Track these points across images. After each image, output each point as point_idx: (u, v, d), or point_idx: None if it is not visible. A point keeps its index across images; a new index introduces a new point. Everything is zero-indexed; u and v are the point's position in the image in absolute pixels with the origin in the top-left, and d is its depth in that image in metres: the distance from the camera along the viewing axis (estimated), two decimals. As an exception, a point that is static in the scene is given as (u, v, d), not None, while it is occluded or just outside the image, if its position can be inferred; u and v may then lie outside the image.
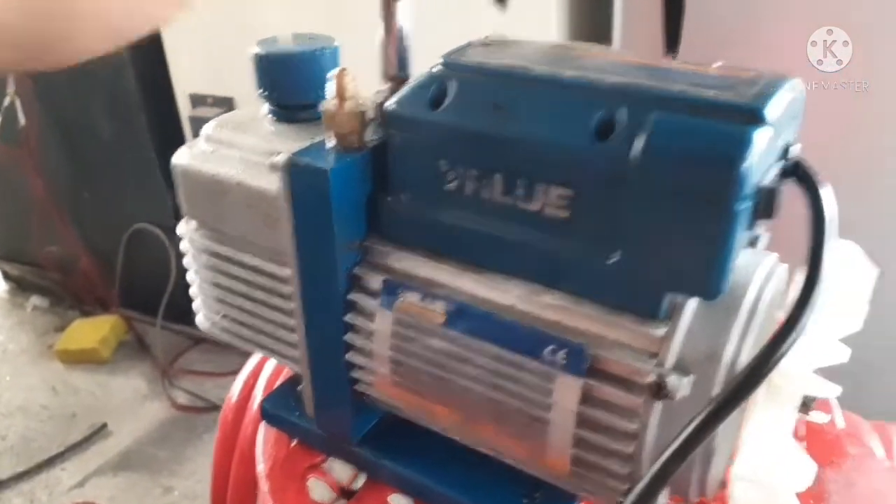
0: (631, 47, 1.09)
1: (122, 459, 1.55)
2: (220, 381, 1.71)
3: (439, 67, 0.39)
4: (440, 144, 0.38)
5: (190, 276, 0.54)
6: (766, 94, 0.32)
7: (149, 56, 1.51)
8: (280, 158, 0.41)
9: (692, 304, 0.34)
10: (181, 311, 1.78)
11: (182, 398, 1.69)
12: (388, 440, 0.49)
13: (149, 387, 1.75)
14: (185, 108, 1.52)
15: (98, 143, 1.66)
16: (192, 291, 0.54)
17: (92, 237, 1.84)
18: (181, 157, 0.49)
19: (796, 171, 0.34)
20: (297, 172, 0.40)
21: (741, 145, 0.30)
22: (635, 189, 0.32)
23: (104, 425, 1.61)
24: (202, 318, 0.55)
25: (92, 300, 1.93)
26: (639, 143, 0.32)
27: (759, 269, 0.35)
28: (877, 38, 0.91)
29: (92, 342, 1.80)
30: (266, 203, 0.44)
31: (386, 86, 0.45)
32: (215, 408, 1.64)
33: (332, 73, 0.40)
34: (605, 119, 0.33)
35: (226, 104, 1.45)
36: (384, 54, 0.44)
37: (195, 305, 0.55)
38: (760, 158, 0.30)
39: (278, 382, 0.59)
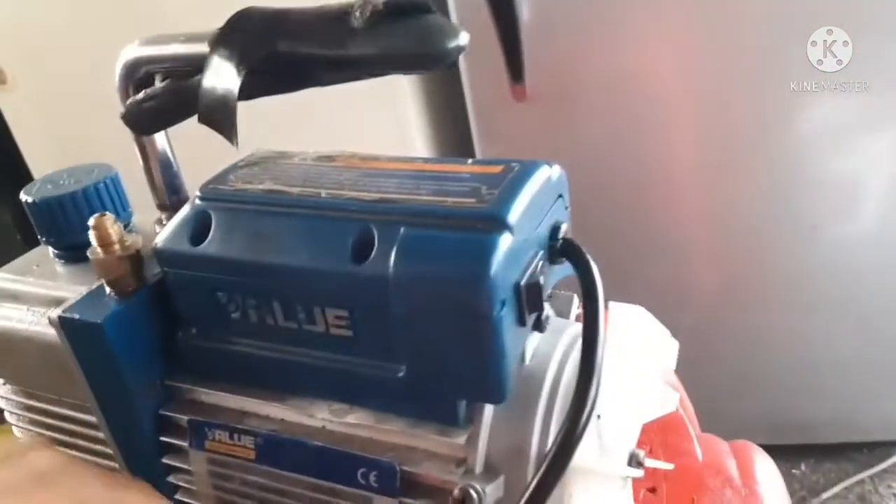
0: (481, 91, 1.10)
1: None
2: None
3: (199, 200, 0.38)
4: (211, 278, 0.37)
5: (14, 431, 0.50)
6: (507, 195, 0.32)
7: (3, 153, 1.43)
8: (53, 314, 0.38)
9: (490, 406, 0.34)
10: None
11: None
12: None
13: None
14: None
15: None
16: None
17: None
18: (-32, 315, 0.46)
19: (566, 251, 0.35)
20: (71, 328, 0.38)
21: (484, 256, 0.29)
22: (399, 307, 0.32)
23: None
24: (36, 470, 0.51)
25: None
26: (391, 263, 0.31)
27: (557, 349, 0.35)
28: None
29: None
30: (58, 356, 0.42)
31: (163, 215, 0.43)
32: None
33: (90, 221, 0.38)
34: (360, 240, 0.33)
35: None
36: (150, 182, 0.42)
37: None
38: (509, 261, 0.30)
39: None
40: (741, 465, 0.50)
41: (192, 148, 0.45)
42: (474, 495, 0.32)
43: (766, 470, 0.50)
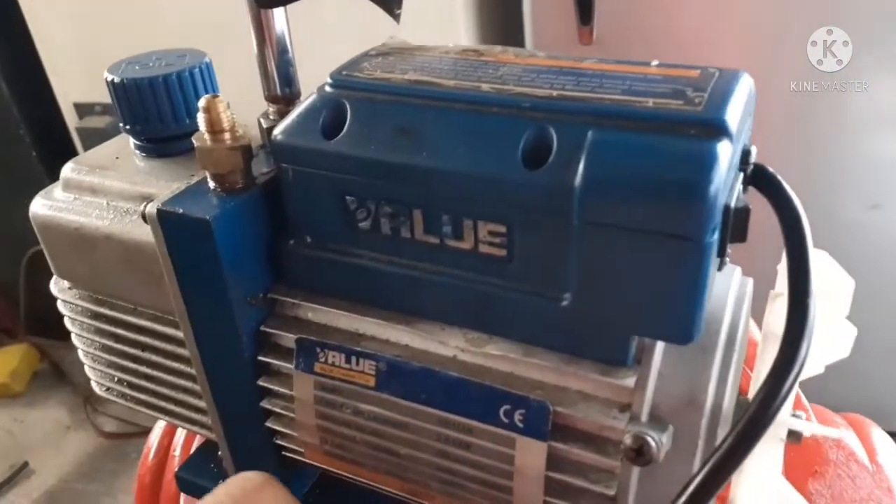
0: (543, 25, 1.04)
1: (48, 499, 1.44)
2: (149, 401, 1.61)
3: (329, 87, 0.32)
4: (343, 179, 0.32)
5: (74, 339, 0.46)
6: (721, 99, 0.27)
7: (22, 64, 1.36)
8: (151, 208, 0.34)
9: (661, 345, 0.29)
10: (97, 331, 1.66)
11: (109, 425, 1.58)
12: (329, 502, 0.43)
13: (71, 416, 1.62)
14: (71, 119, 1.39)
15: (-21, 163, 1.51)
16: (80, 354, 0.47)
17: (-14, 265, 1.69)
18: (38, 207, 0.41)
19: (759, 179, 0.30)
20: (172, 224, 0.33)
21: (706, 166, 0.25)
22: (580, 224, 0.27)
23: (25, 464, 1.49)
24: (96, 384, 0.47)
25: (-5, 330, 1.78)
26: (577, 172, 0.26)
27: (730, 294, 0.31)
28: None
29: (1, 376, 1.65)
30: (144, 258, 0.37)
31: (271, 108, 0.38)
32: (147, 431, 1.54)
33: (200, 103, 0.33)
34: (534, 143, 0.28)
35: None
36: (262, 69, 0.37)
37: (86, 369, 0.47)
38: (727, 177, 0.25)
39: (196, 441, 0.52)
40: (862, 439, 0.47)
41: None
42: (653, 444, 0.27)
43: (888, 446, 0.46)
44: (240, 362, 0.37)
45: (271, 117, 0.37)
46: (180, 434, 0.54)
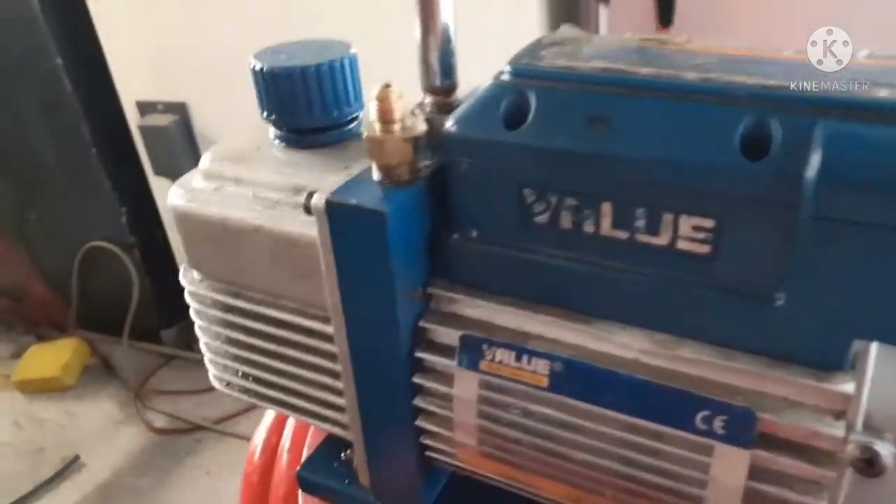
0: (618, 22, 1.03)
1: (100, 493, 1.45)
2: (198, 398, 1.61)
3: (509, 76, 0.31)
4: (524, 170, 0.30)
5: (197, 331, 0.45)
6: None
7: (86, 61, 1.37)
8: (318, 199, 0.33)
9: (875, 349, 0.27)
10: (148, 328, 1.67)
11: (159, 421, 1.58)
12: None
13: (121, 411, 1.63)
14: (133, 117, 1.39)
15: (39, 159, 1.52)
16: (202, 347, 0.46)
17: (42, 259, 1.71)
18: (177, 198, 0.40)
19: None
20: (342, 215, 0.32)
21: (962, 157, 0.23)
22: (810, 218, 0.25)
23: (76, 457, 1.50)
24: (215, 378, 0.47)
25: (47, 324, 1.80)
26: (811, 164, 0.25)
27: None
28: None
29: (54, 369, 1.67)
30: (296, 251, 0.36)
31: (428, 98, 0.36)
32: (197, 428, 1.55)
33: (375, 92, 0.32)
34: (752, 133, 0.26)
35: (178, 110, 1.33)
36: (424, 59, 0.35)
37: (206, 362, 0.47)
38: (976, 169, 0.24)
39: (309, 440, 0.51)
40: None
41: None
42: (885, 455, 0.26)
43: None
44: (395, 358, 0.35)
45: (428, 109, 0.36)
46: (288, 432, 0.54)
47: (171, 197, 0.40)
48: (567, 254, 0.31)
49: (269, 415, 0.57)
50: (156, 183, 1.47)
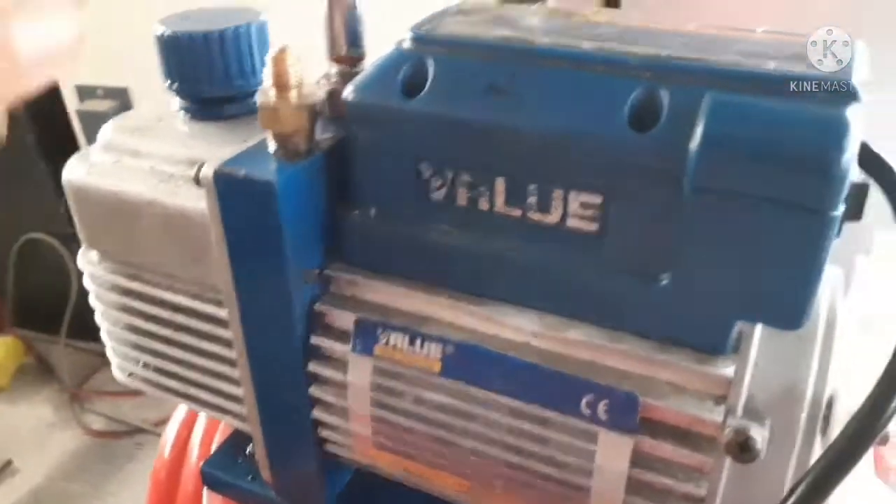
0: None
1: (33, 499, 1.39)
2: (138, 400, 1.56)
3: (410, 43, 0.30)
4: (421, 142, 0.30)
5: (98, 318, 0.43)
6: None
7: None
8: (207, 169, 0.31)
9: (759, 332, 0.27)
10: (88, 326, 1.61)
11: (97, 423, 1.53)
12: (366, 502, 0.40)
13: (56, 414, 1.57)
14: (71, 102, 1.35)
15: (-29, 146, 1.46)
16: (102, 335, 0.44)
17: (-26, 252, 1.64)
18: (73, 172, 0.38)
19: (863, 157, 0.28)
20: (231, 187, 0.31)
21: (839, 134, 0.23)
22: (692, 191, 0.25)
23: (9, 462, 1.44)
24: (117, 369, 0.44)
25: (-21, 322, 1.73)
26: (695, 134, 0.24)
27: (829, 274, 0.29)
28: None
29: (-15, 370, 1.60)
30: (190, 227, 0.35)
31: (334, 69, 0.35)
32: (137, 430, 1.50)
33: (270, 54, 0.30)
34: (642, 104, 0.26)
35: (119, 96, 1.30)
36: (329, 27, 0.34)
37: (108, 351, 0.44)
38: (857, 142, 0.23)
39: (218, 435, 0.49)
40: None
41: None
42: (757, 439, 0.25)
43: None
44: (289, 345, 0.34)
45: (334, 80, 0.35)
46: (198, 427, 0.51)
47: (66, 171, 0.38)
48: (463, 232, 0.30)
49: (181, 408, 0.55)
50: (98, 174, 1.43)
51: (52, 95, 1.35)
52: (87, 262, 0.41)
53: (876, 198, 0.26)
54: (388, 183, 0.31)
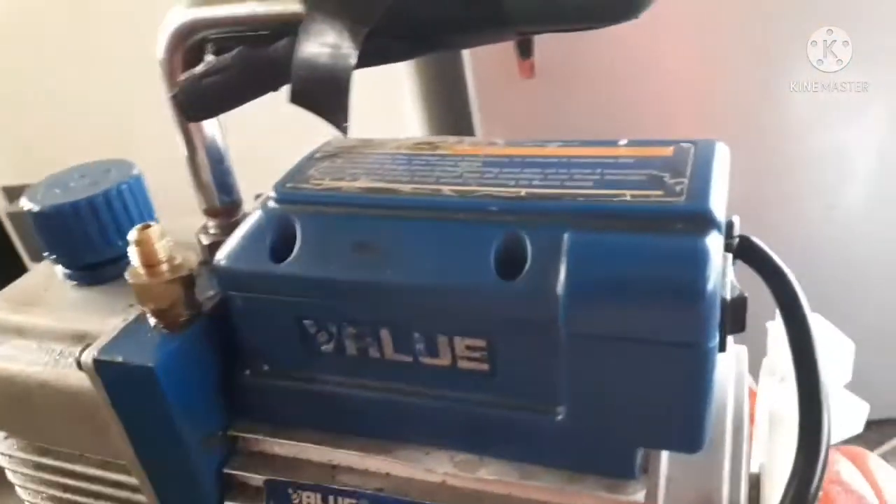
0: (484, 67, 1.04)
1: None
2: None
3: (273, 203, 0.29)
4: (299, 302, 0.29)
5: (19, 491, 0.41)
6: (702, 184, 0.25)
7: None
8: (86, 356, 0.30)
9: (665, 455, 0.27)
10: None
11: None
12: None
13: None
14: (0, 205, 1.32)
15: None
16: (26, 507, 0.42)
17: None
18: (-39, 356, 0.36)
19: (746, 251, 0.28)
20: (111, 374, 0.30)
21: (699, 266, 0.22)
22: (566, 336, 0.24)
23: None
24: (47, 537, 0.43)
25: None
26: (560, 280, 0.24)
27: (730, 378, 0.28)
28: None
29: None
30: (85, 405, 0.33)
31: (211, 221, 0.34)
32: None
33: (131, 236, 0.29)
34: (507, 250, 0.25)
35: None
36: (196, 183, 0.33)
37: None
38: (719, 271, 0.23)
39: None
40: (866, 477, 0.45)
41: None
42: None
43: (888, 472, 0.44)
44: (204, 509, 0.33)
45: (211, 231, 0.34)
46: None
47: (-46, 353, 0.37)
48: (359, 381, 0.30)
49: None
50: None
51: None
52: (-4, 439, 0.39)
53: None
54: (274, 341, 0.30)
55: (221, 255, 0.30)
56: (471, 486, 0.29)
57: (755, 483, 0.29)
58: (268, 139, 0.72)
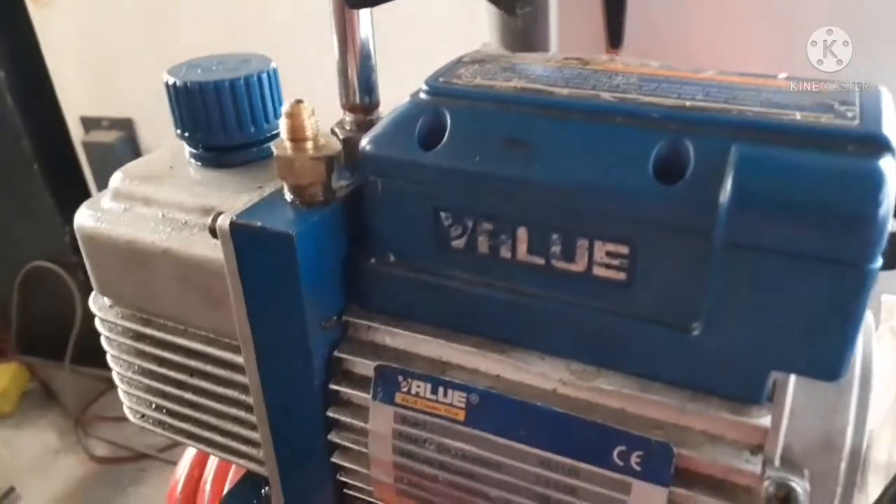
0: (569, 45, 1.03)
1: (35, 526, 1.38)
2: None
3: (426, 95, 0.30)
4: (439, 193, 0.29)
5: (110, 362, 0.43)
6: (874, 113, 0.25)
7: (29, 75, 1.33)
8: (222, 220, 0.31)
9: (793, 381, 0.27)
10: (91, 351, 1.60)
11: (101, 449, 1.52)
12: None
13: (61, 440, 1.56)
14: (77, 133, 1.35)
15: (-25, 177, 1.46)
16: (115, 378, 0.43)
17: (-22, 281, 1.64)
18: (84, 219, 0.38)
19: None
20: (248, 238, 0.30)
21: (875, 186, 0.22)
22: (722, 246, 0.24)
23: (11, 489, 1.42)
24: (129, 411, 0.44)
25: (-17, 349, 1.72)
26: (725, 189, 0.24)
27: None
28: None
29: (-10, 396, 1.59)
30: (205, 276, 0.34)
31: (348, 116, 0.35)
32: (141, 456, 1.49)
33: (284, 108, 0.30)
34: (667, 156, 0.25)
35: (124, 126, 1.30)
36: (343, 75, 0.34)
37: (120, 393, 0.44)
38: (893, 195, 0.23)
39: (232, 474, 0.48)
40: None
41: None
42: (800, 492, 0.25)
43: None
44: (308, 391, 0.33)
45: (348, 127, 0.35)
46: (211, 464, 0.51)
47: (78, 217, 0.38)
48: (484, 279, 0.30)
49: (192, 448, 0.54)
50: (101, 202, 1.43)
51: (56, 126, 1.35)
52: (99, 307, 0.41)
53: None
54: (407, 231, 0.31)
55: (368, 141, 0.30)
56: (583, 397, 0.29)
57: (870, 442, 0.29)
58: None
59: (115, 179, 0.38)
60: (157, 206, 0.36)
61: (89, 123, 1.32)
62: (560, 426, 0.29)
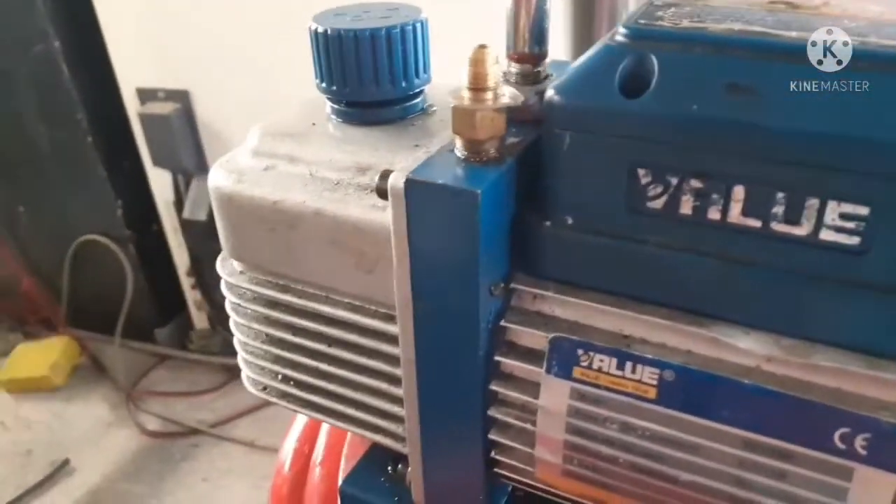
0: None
1: (91, 499, 1.39)
2: (192, 400, 1.56)
3: (624, 38, 0.27)
4: (642, 146, 0.27)
5: (233, 329, 0.41)
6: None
7: (85, 45, 1.32)
8: (395, 178, 0.29)
9: None
10: (141, 326, 1.62)
11: (152, 423, 1.53)
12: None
13: (112, 413, 1.58)
14: (132, 105, 1.34)
15: (31, 148, 1.46)
16: (236, 345, 0.42)
17: (32, 253, 1.65)
18: (220, 179, 0.36)
19: None
20: (425, 197, 0.28)
21: None
22: None
23: (66, 461, 1.44)
24: (249, 381, 0.42)
25: (35, 321, 1.74)
26: None
27: None
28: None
29: (42, 368, 1.61)
30: (360, 238, 0.32)
31: (513, 68, 0.32)
32: (192, 432, 1.50)
33: (471, 54, 0.28)
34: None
35: (180, 98, 1.28)
36: (514, 23, 0.31)
37: (240, 362, 0.42)
38: None
39: (345, 450, 0.46)
40: None
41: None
42: None
43: None
44: (470, 363, 0.31)
45: (513, 80, 0.32)
46: (321, 440, 0.49)
47: (213, 177, 0.36)
48: (686, 244, 0.27)
49: (299, 422, 0.53)
50: (154, 174, 1.42)
51: (111, 98, 1.35)
52: (228, 272, 0.39)
53: None
54: (594, 190, 0.28)
55: (556, 91, 0.28)
56: (794, 375, 0.27)
57: None
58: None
59: (253, 136, 0.36)
60: (304, 165, 0.34)
61: (145, 95, 1.31)
62: (772, 405, 0.26)
